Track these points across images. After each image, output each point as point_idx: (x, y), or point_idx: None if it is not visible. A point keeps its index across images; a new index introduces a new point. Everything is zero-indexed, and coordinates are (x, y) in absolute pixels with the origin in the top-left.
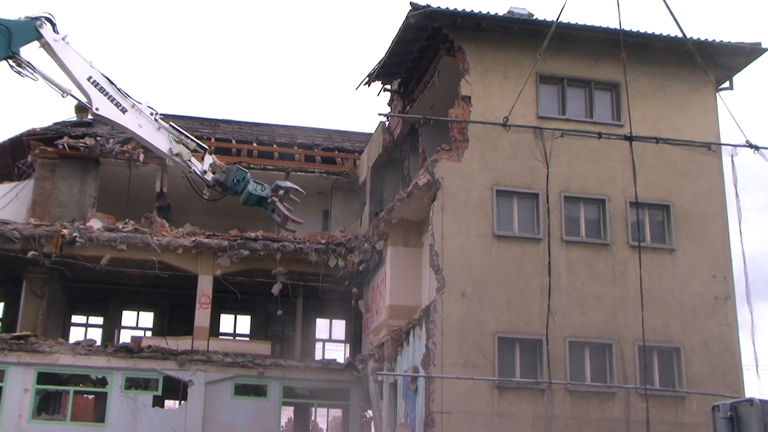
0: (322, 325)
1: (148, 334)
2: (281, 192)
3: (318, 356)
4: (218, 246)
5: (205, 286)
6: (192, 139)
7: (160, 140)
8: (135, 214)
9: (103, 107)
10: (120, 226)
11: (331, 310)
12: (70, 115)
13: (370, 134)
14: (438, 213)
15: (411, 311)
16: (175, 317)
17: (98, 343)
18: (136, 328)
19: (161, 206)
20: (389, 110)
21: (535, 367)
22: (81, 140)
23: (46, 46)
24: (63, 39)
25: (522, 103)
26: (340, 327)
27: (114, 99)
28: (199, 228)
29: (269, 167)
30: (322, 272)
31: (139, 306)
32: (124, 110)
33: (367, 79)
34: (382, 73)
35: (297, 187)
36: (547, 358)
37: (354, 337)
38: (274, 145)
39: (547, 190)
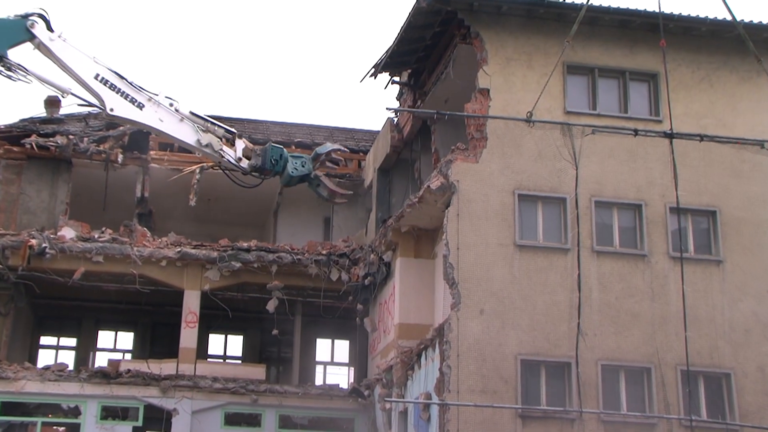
0: (323, 346)
1: (127, 357)
2: (322, 158)
3: (318, 381)
4: (206, 257)
5: (191, 303)
6: (219, 125)
7: (186, 132)
8: (113, 221)
9: (118, 106)
10: (96, 236)
11: (334, 329)
12: (39, 110)
13: (377, 132)
14: (453, 220)
15: (423, 330)
16: (157, 338)
17: (70, 367)
18: (114, 350)
19: (142, 213)
20: (398, 105)
21: (563, 393)
22: (51, 139)
23: (42, 47)
24: (60, 37)
25: (548, 96)
26: (343, 348)
27: (128, 95)
28: (185, 237)
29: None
30: (323, 287)
31: (116, 325)
32: (140, 106)
33: (373, 70)
34: (390, 63)
35: (337, 146)
36: (576, 383)
37: (359, 360)
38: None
39: (576, 194)
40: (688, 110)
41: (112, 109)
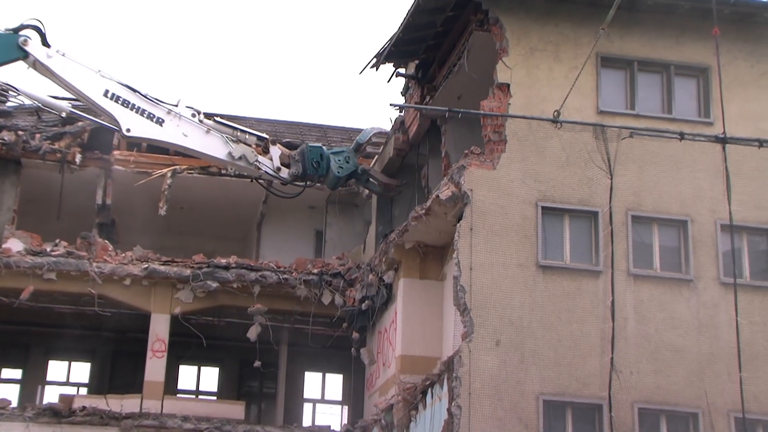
0: (312, 381)
1: (83, 391)
2: (364, 147)
3: (307, 422)
4: (178, 275)
5: (159, 329)
6: (250, 132)
7: (215, 146)
8: (68, 232)
9: (136, 125)
10: (48, 249)
11: (325, 361)
12: None
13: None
14: (465, 236)
15: (429, 364)
16: (118, 369)
17: (14, 404)
18: (67, 383)
19: (104, 223)
20: (403, 101)
21: None
22: None
23: (38, 66)
24: (58, 52)
25: (578, 93)
26: (335, 383)
27: (144, 110)
28: (154, 252)
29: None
30: (314, 311)
31: (70, 354)
32: (160, 121)
33: (375, 60)
34: (394, 52)
35: (377, 128)
36: (609, 429)
37: (354, 397)
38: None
39: (610, 208)
40: (745, 111)
41: (128, 130)
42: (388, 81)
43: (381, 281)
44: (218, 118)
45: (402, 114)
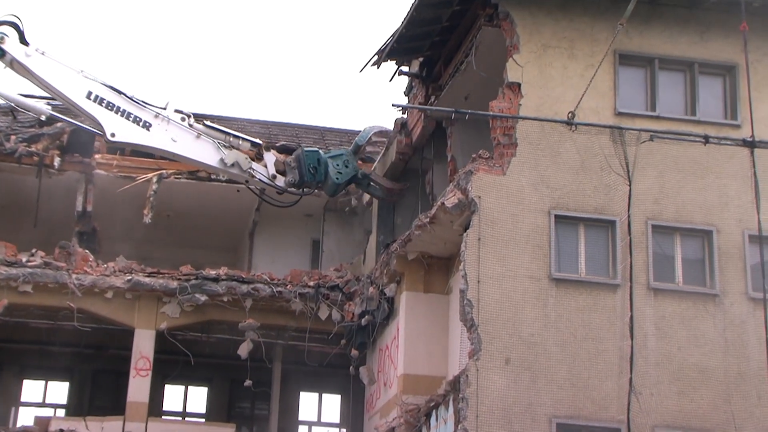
0: (308, 402)
1: (60, 413)
2: (364, 149)
3: None
4: (164, 288)
5: (143, 345)
6: (243, 137)
7: (206, 152)
8: (46, 241)
9: (121, 130)
10: (24, 259)
11: (321, 380)
12: None
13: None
14: (473, 246)
15: (433, 384)
16: (99, 389)
17: None
18: (43, 405)
19: (84, 231)
20: (406, 101)
21: None
22: None
23: (16, 65)
24: (37, 50)
25: (595, 93)
26: (333, 404)
27: (130, 114)
28: (138, 262)
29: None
30: (310, 327)
31: (47, 373)
32: (147, 125)
33: (376, 57)
34: (397, 49)
35: (377, 127)
36: None
37: (353, 420)
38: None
39: (629, 216)
40: None
41: (113, 134)
42: (390, 80)
43: (382, 295)
44: (209, 122)
45: (405, 115)
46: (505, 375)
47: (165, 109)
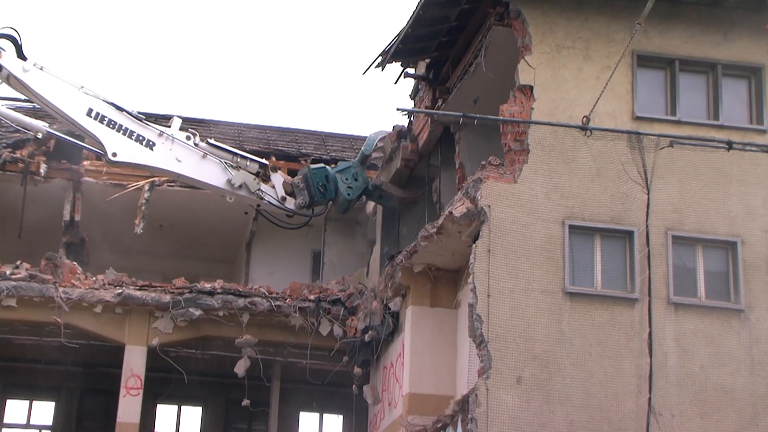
0: (308, 422)
1: None
2: (372, 157)
3: None
4: (156, 302)
5: (134, 363)
6: (250, 158)
7: (212, 172)
8: (31, 253)
9: (123, 149)
10: (7, 272)
11: (323, 399)
12: None
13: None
14: (482, 258)
15: (441, 403)
16: (87, 409)
17: None
18: (27, 426)
19: (71, 242)
20: (412, 105)
21: None
22: None
23: (12, 80)
24: (35, 65)
25: (612, 96)
26: (334, 425)
27: (132, 132)
28: (129, 275)
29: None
30: (310, 343)
31: (32, 392)
32: (150, 145)
33: (380, 59)
34: (402, 50)
35: (382, 132)
36: None
37: None
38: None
39: (647, 227)
40: None
41: (115, 154)
42: (395, 82)
43: (386, 309)
44: (213, 141)
45: (405, 124)
46: (516, 394)
47: (170, 127)
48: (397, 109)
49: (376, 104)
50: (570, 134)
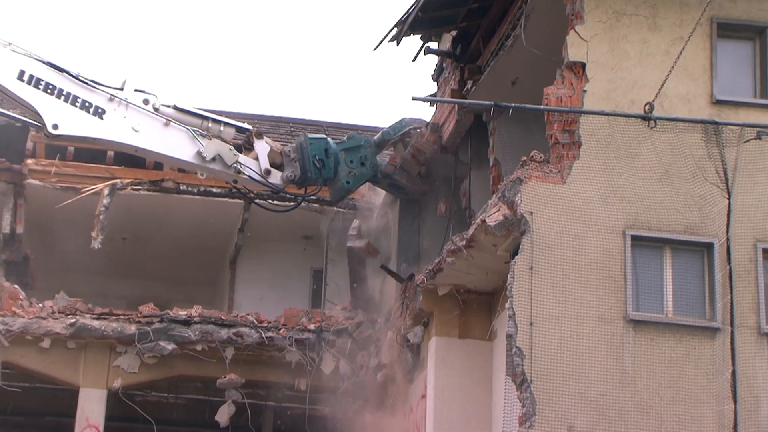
0: None
1: None
2: (395, 142)
3: None
4: (118, 334)
5: (91, 410)
6: (226, 122)
7: (178, 143)
8: None
9: (66, 119)
10: None
11: None
12: None
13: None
14: (523, 277)
15: None
16: None
17: None
18: None
19: (12, 260)
20: (435, 89)
21: None
22: None
23: None
24: None
25: (684, 75)
26: None
27: (77, 98)
28: (84, 301)
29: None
30: (310, 384)
31: None
32: (100, 112)
33: (396, 30)
34: (422, 19)
35: (419, 120)
36: None
37: None
38: None
39: (728, 239)
40: None
41: (56, 126)
42: (414, 59)
43: (405, 341)
44: (180, 105)
45: (434, 108)
46: None
47: (122, 89)
48: (413, 99)
49: (390, 89)
50: (632, 124)
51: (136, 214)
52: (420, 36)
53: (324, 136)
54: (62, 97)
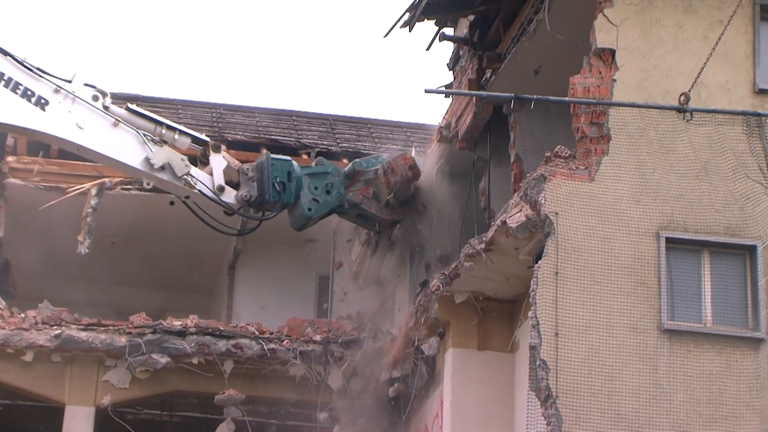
0: None
1: None
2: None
3: None
4: (107, 347)
5: (78, 429)
6: (182, 130)
7: (125, 146)
8: None
9: (3, 108)
10: None
11: None
12: None
13: (411, 126)
14: (548, 284)
15: None
16: None
17: None
18: None
19: None
20: (451, 80)
21: None
22: None
23: None
24: None
25: (722, 62)
26: None
27: (18, 85)
28: (70, 310)
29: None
30: (317, 400)
31: None
32: (42, 103)
33: (408, 15)
34: (436, 4)
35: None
36: None
37: None
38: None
39: None
40: None
41: None
42: (428, 48)
43: (419, 353)
44: (133, 106)
45: (450, 100)
46: None
47: (70, 82)
48: (426, 91)
49: (402, 79)
50: (666, 116)
51: (126, 216)
52: (434, 21)
53: (289, 158)
54: (2, 82)
